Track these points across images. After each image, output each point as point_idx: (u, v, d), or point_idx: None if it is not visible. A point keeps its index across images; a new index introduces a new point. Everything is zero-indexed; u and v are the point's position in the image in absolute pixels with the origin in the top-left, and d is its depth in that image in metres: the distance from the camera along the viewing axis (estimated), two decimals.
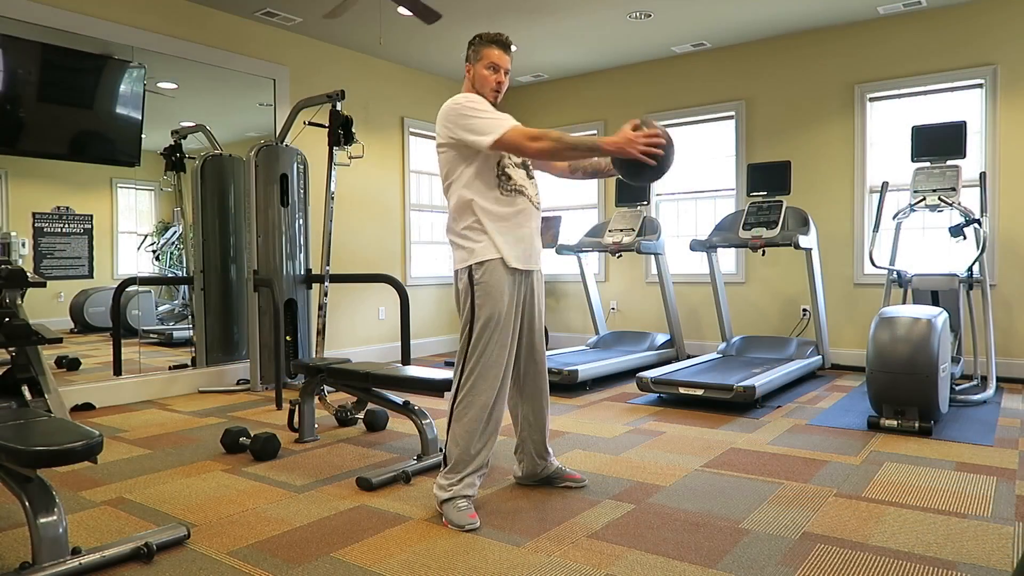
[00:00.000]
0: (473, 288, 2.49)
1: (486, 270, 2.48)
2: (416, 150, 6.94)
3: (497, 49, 2.60)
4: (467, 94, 2.57)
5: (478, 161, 2.52)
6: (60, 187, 4.47)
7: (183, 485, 2.90)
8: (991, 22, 5.19)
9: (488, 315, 2.47)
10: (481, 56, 2.59)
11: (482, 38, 2.62)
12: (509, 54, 2.63)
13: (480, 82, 2.60)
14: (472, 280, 2.49)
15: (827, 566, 2.08)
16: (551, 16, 5.45)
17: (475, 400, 2.48)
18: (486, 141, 2.45)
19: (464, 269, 2.51)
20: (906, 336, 3.54)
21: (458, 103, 2.51)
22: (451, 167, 2.55)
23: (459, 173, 2.53)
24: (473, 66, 2.62)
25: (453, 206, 2.56)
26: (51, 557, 1.99)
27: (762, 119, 6.16)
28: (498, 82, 2.61)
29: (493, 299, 2.48)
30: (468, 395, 2.49)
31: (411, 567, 2.10)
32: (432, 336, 7.05)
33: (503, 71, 2.61)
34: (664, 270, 5.86)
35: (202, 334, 5.19)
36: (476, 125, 2.46)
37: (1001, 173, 5.17)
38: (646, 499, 2.68)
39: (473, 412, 2.49)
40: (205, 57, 5.14)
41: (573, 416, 4.14)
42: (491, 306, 2.48)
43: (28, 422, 2.16)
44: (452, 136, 2.50)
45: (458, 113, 2.49)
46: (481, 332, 2.47)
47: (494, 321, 2.48)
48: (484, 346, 2.48)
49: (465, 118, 2.48)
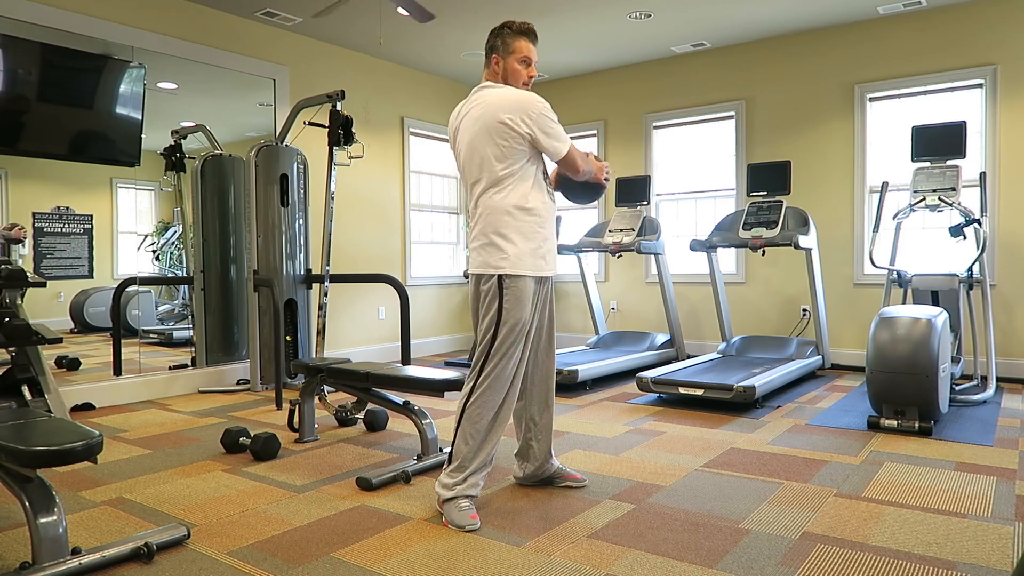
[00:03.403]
0: (503, 293, 2.48)
1: (519, 279, 2.48)
2: (416, 150, 6.94)
3: (527, 41, 2.58)
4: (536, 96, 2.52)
5: (533, 167, 2.53)
6: (60, 187, 4.47)
7: (183, 485, 2.90)
8: (991, 22, 5.19)
9: (515, 321, 2.48)
10: (512, 49, 2.57)
11: (511, 28, 2.58)
12: (536, 45, 2.63)
13: (513, 76, 2.58)
14: (503, 286, 2.48)
15: (827, 566, 2.08)
16: (551, 16, 5.45)
17: (489, 401, 2.49)
18: (563, 151, 2.51)
19: (494, 275, 2.49)
20: (906, 336, 3.54)
21: (539, 100, 2.49)
22: (511, 162, 2.48)
23: (519, 170, 2.49)
24: (503, 59, 2.58)
25: (496, 204, 2.48)
26: (51, 557, 1.99)
27: (762, 119, 6.16)
28: (531, 76, 2.62)
29: (521, 305, 2.49)
30: (484, 395, 2.49)
31: (411, 567, 2.10)
32: (432, 336, 7.05)
33: (534, 64, 2.62)
34: (664, 270, 5.86)
35: (202, 334, 5.19)
36: (556, 132, 2.50)
37: (1001, 173, 5.17)
38: (646, 499, 2.68)
39: (486, 412, 2.50)
40: (205, 57, 5.14)
41: (573, 416, 4.14)
42: (519, 313, 2.48)
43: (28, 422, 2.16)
44: (531, 133, 2.46)
45: (540, 113, 2.47)
46: (506, 337, 2.48)
47: (520, 326, 2.49)
48: (507, 350, 2.48)
49: (547, 121, 2.48)
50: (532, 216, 2.51)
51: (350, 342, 6.23)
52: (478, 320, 2.57)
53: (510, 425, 3.55)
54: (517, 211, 2.48)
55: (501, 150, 2.46)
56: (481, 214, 2.52)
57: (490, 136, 2.46)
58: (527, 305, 2.50)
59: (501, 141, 2.46)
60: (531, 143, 2.49)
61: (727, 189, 6.39)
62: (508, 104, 2.46)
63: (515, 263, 2.48)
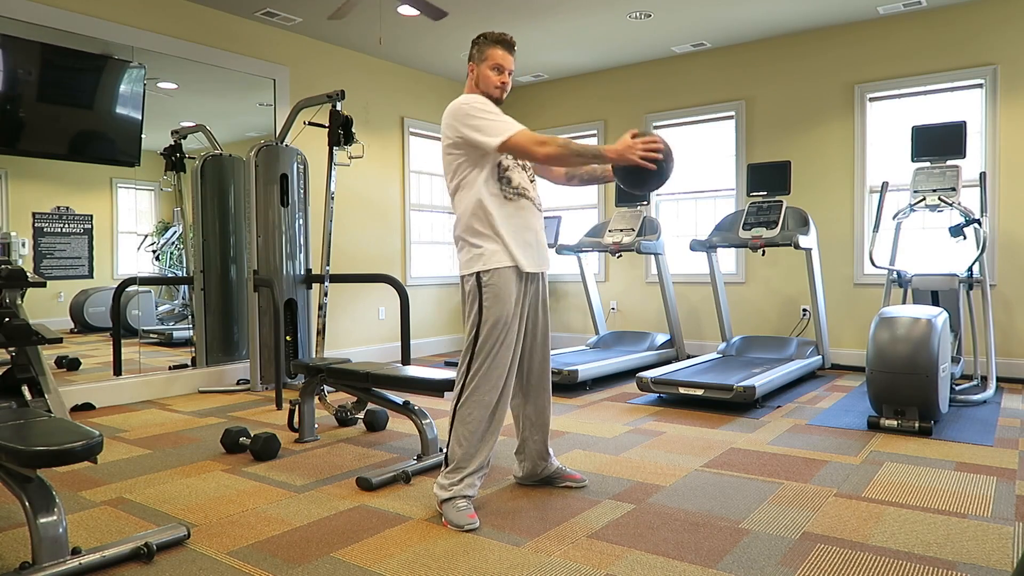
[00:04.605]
0: (481, 291, 2.49)
1: (495, 274, 2.49)
2: (416, 150, 6.94)
3: (501, 49, 2.60)
4: (473, 95, 2.57)
5: (485, 164, 2.53)
6: (60, 187, 4.47)
7: (183, 485, 2.90)
8: (991, 22, 5.19)
9: (496, 318, 2.48)
10: (485, 56, 2.59)
11: (487, 38, 2.62)
12: (513, 54, 2.64)
13: (484, 82, 2.60)
14: (480, 283, 2.50)
15: (827, 566, 2.08)
16: (551, 16, 5.45)
17: (479, 401, 2.49)
18: (494, 142, 2.46)
19: (472, 274, 2.52)
20: (906, 336, 3.54)
21: (466, 103, 2.51)
22: (458, 169, 2.54)
23: (466, 175, 2.53)
24: (477, 66, 2.61)
25: (461, 209, 2.55)
26: (51, 557, 1.99)
27: (762, 119, 6.16)
28: (502, 83, 2.62)
29: (501, 302, 2.49)
30: (472, 396, 2.50)
31: (411, 567, 2.10)
32: (432, 336, 7.05)
33: (507, 72, 2.62)
34: (664, 270, 5.86)
35: (202, 334, 5.19)
36: (484, 126, 2.47)
37: (1001, 173, 5.17)
38: (646, 499, 2.68)
39: (476, 413, 2.49)
40: (205, 57, 5.14)
41: (573, 416, 4.14)
42: (499, 309, 2.48)
43: (28, 422, 2.16)
44: (459, 136, 2.50)
45: (465, 113, 2.49)
46: (488, 334, 2.48)
47: (501, 323, 2.49)
48: (490, 348, 2.49)
49: (472, 118, 2.48)
50: (498, 211, 2.51)
51: (350, 342, 6.23)
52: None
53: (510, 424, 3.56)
54: (480, 210, 2.51)
55: (447, 157, 2.57)
56: (457, 218, 2.59)
57: (443, 145, 2.59)
58: (508, 301, 2.50)
59: (444, 149, 2.58)
60: (466, 144, 2.51)
61: (727, 189, 6.39)
62: (447, 113, 2.55)
63: (488, 259, 2.49)
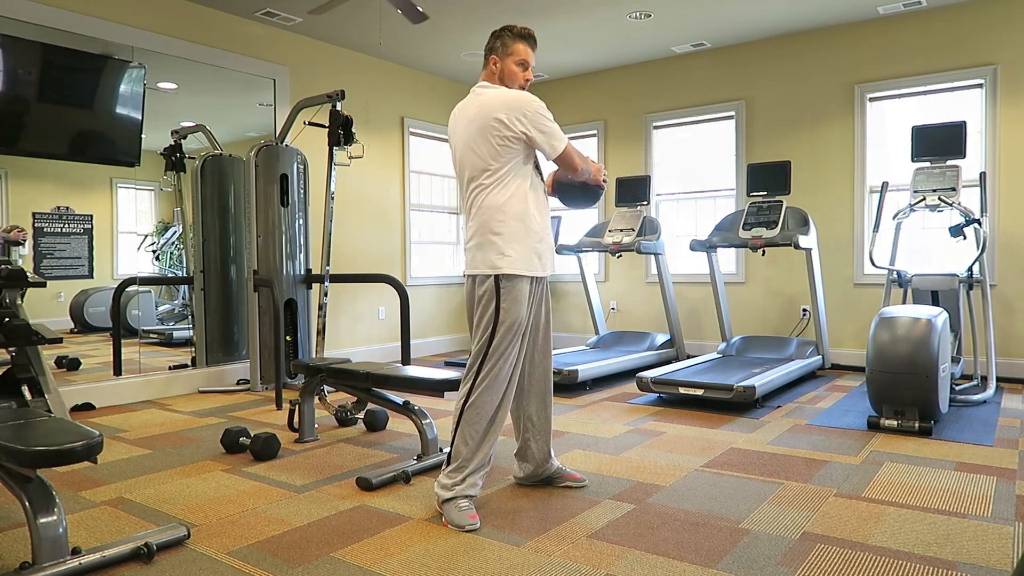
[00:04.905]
0: (499, 292, 2.48)
1: (515, 278, 2.49)
2: (416, 150, 6.94)
3: (526, 45, 2.62)
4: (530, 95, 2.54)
5: (528, 165, 2.55)
6: (60, 187, 4.47)
7: (183, 485, 2.90)
8: (991, 22, 5.19)
9: (512, 320, 2.48)
10: (511, 51, 2.60)
11: (511, 31, 2.62)
12: (535, 50, 2.67)
13: (511, 77, 2.60)
14: (499, 285, 2.49)
15: (827, 566, 2.08)
16: (551, 16, 5.45)
17: (487, 401, 2.50)
18: (560, 148, 2.51)
19: (490, 275, 2.50)
20: (906, 336, 3.54)
21: (534, 99, 2.51)
22: (504, 164, 2.49)
23: (508, 172, 2.50)
24: (502, 59, 2.61)
25: (491, 203, 2.49)
26: (51, 557, 1.99)
27: (762, 119, 6.16)
28: (527, 79, 2.64)
29: (518, 304, 2.50)
30: (482, 396, 2.50)
31: (411, 567, 2.10)
32: (432, 336, 7.05)
33: (531, 68, 2.65)
34: (664, 270, 5.86)
35: (202, 334, 5.19)
36: (553, 131, 2.51)
37: (1001, 173, 5.17)
38: (646, 499, 2.68)
39: (484, 412, 2.50)
40: (205, 57, 5.14)
41: (573, 416, 4.14)
42: (516, 312, 2.49)
43: (28, 422, 2.16)
44: (525, 131, 2.47)
45: (536, 111, 2.48)
46: (504, 336, 2.48)
47: (516, 326, 2.49)
48: (504, 350, 2.49)
49: (542, 119, 2.49)
50: (527, 215, 2.52)
51: (350, 342, 6.23)
52: (473, 319, 2.58)
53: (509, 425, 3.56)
54: (512, 210, 2.49)
55: (496, 149, 2.48)
56: (476, 213, 2.53)
57: (485, 135, 2.48)
58: (523, 304, 2.51)
59: (496, 140, 2.47)
60: (526, 142, 2.50)
61: (727, 189, 6.39)
62: (503, 103, 2.48)
63: (512, 263, 2.48)
